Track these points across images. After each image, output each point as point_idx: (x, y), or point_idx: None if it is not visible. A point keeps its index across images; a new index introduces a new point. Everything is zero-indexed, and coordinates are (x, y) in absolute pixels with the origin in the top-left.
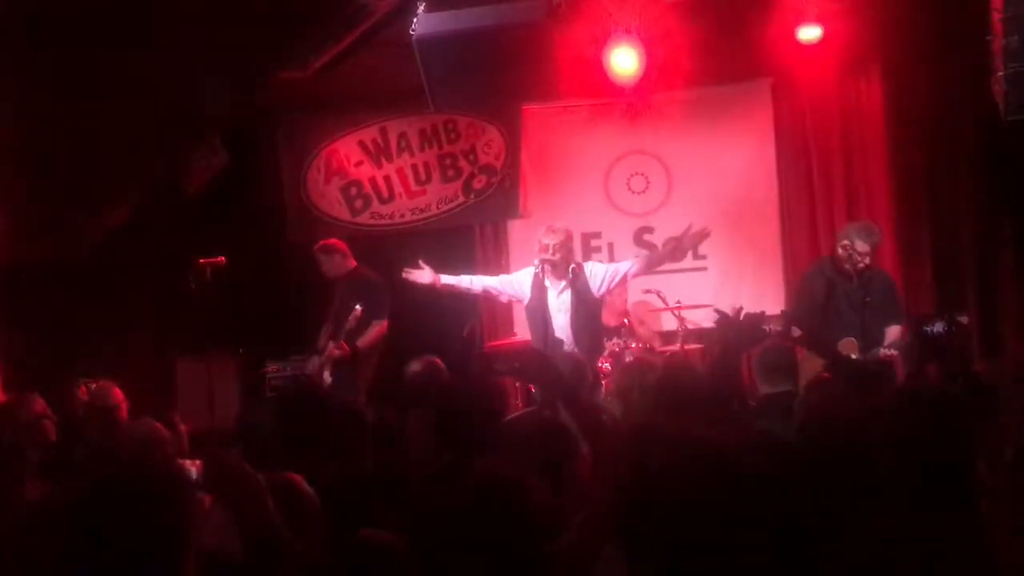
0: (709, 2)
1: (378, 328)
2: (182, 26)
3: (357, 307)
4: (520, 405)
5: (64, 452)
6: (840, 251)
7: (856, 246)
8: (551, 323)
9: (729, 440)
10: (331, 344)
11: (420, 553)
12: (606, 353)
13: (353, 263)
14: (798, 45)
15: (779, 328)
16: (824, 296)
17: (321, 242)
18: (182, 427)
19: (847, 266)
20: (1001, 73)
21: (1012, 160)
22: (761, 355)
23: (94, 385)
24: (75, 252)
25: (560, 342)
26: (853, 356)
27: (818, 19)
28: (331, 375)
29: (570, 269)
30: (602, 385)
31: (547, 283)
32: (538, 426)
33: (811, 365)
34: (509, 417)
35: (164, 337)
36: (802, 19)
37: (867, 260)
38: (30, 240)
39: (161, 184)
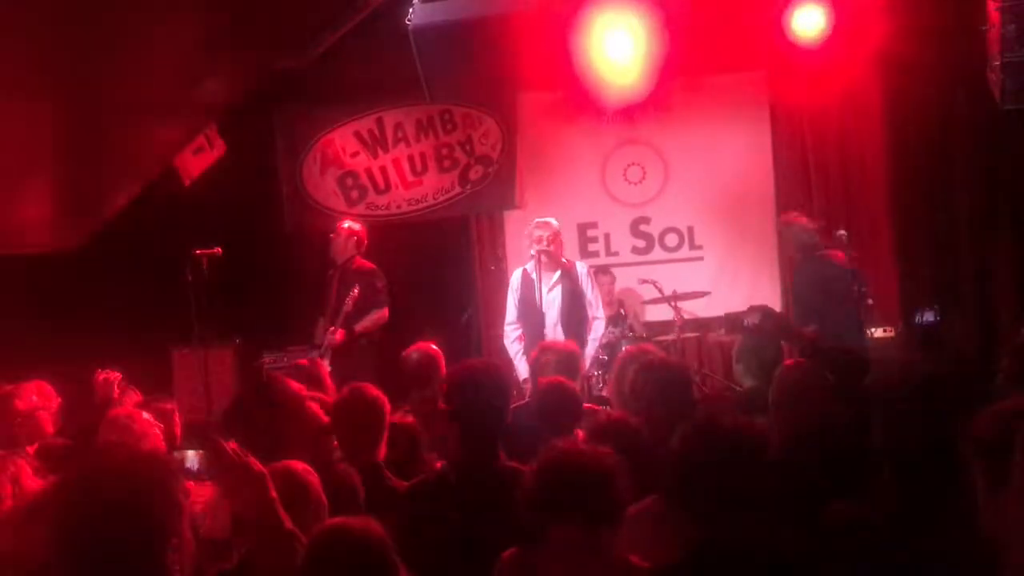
0: None
1: (378, 315)
2: (179, 15)
3: (355, 289)
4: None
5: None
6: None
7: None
8: (543, 317)
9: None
10: (328, 331)
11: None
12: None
13: (355, 254)
14: (795, 35)
15: (755, 322)
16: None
17: (348, 227)
18: (177, 418)
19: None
20: (998, 62)
21: (1009, 149)
22: (743, 350)
23: (103, 376)
24: (71, 243)
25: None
26: None
27: (816, 8)
28: (330, 365)
29: (562, 264)
30: (598, 375)
31: (538, 277)
32: None
33: None
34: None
35: (161, 327)
36: (800, 9)
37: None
38: (28, 231)
39: (158, 174)
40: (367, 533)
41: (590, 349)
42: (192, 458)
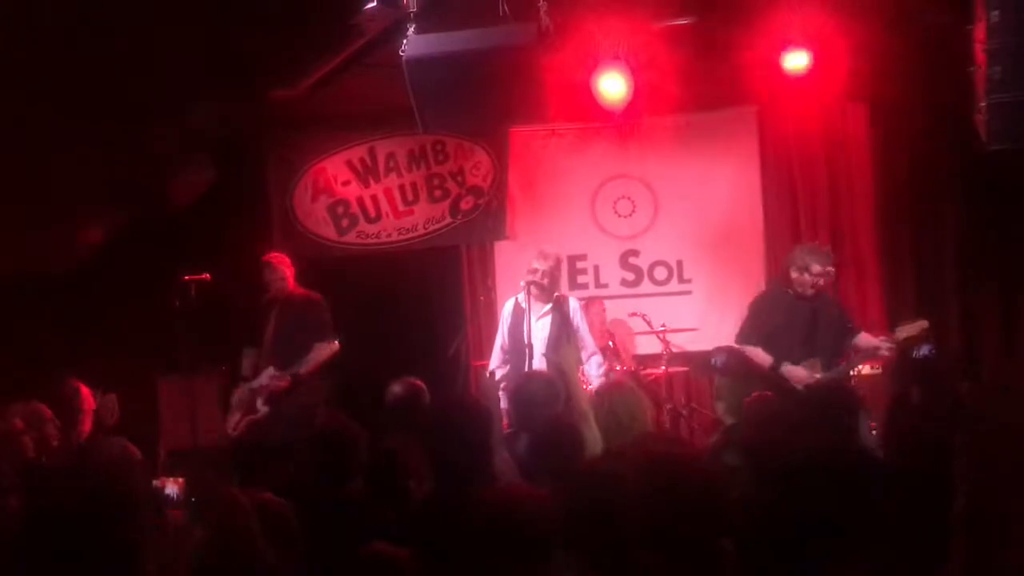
0: (696, 29)
1: (326, 349)
2: (172, 43)
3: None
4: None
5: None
6: (795, 274)
7: (813, 268)
8: (529, 347)
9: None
10: (269, 372)
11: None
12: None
13: (291, 286)
14: (784, 72)
15: (722, 361)
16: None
17: (266, 256)
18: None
19: (800, 289)
20: (984, 103)
21: (995, 188)
22: (722, 387)
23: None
24: (59, 267)
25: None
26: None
27: (804, 47)
28: (266, 404)
29: (554, 297)
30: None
31: (528, 307)
32: None
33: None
34: None
35: (147, 355)
36: (788, 47)
37: (821, 282)
38: (12, 254)
39: (148, 200)
40: (398, 561)
41: (596, 384)
42: (172, 487)
